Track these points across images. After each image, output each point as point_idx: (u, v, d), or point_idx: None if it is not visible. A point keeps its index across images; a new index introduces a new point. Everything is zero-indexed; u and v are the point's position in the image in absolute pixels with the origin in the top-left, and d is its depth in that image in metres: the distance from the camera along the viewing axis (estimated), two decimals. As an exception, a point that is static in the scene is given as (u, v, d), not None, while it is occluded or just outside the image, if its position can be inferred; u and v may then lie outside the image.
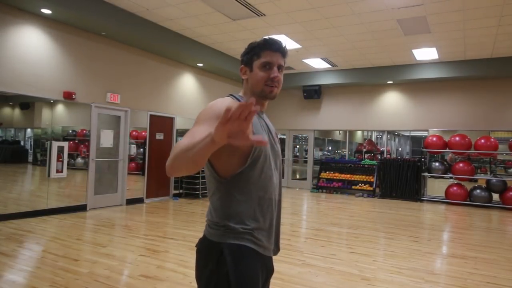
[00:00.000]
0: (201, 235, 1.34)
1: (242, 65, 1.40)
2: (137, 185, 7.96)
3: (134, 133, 7.95)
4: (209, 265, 1.22)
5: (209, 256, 1.24)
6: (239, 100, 1.33)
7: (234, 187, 1.26)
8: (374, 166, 10.60)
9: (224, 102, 1.24)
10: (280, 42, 1.38)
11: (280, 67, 1.37)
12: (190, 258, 4.11)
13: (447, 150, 9.44)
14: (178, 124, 9.02)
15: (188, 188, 8.90)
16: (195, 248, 1.34)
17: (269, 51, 1.35)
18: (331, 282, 3.49)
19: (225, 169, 1.26)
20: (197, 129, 1.10)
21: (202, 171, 7.49)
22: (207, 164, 1.28)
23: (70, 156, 6.66)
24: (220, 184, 1.28)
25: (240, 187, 1.26)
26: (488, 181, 9.05)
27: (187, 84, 9.34)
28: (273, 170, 1.36)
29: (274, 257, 1.43)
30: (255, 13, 6.64)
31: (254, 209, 1.28)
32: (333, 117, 11.53)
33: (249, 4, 6.23)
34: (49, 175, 6.31)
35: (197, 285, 1.28)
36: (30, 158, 6.32)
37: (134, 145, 7.88)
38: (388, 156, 11.68)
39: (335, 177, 10.96)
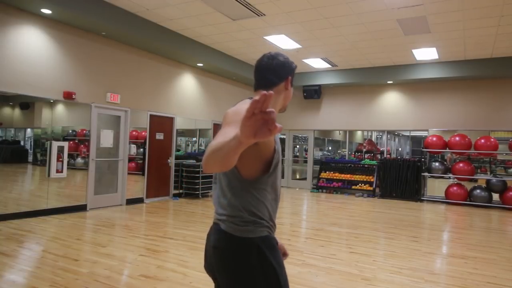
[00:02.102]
0: (201, 234, 1.34)
1: (289, 77, 1.48)
2: (137, 185, 7.96)
3: (134, 133, 7.95)
4: (251, 260, 1.29)
5: (247, 251, 1.31)
6: None
7: (255, 188, 1.35)
8: (374, 166, 10.61)
9: (242, 105, 1.32)
10: None
11: None
12: (190, 258, 4.11)
13: (447, 150, 9.44)
14: (178, 124, 9.02)
15: (188, 188, 8.90)
16: (217, 248, 1.36)
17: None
18: (331, 282, 3.49)
19: (248, 172, 1.34)
20: (226, 130, 1.16)
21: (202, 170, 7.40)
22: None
23: (70, 156, 6.66)
24: (243, 184, 1.35)
25: (261, 189, 1.36)
26: (488, 181, 9.05)
27: (187, 84, 9.34)
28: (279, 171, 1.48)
29: None
30: (255, 13, 6.64)
31: (272, 206, 1.42)
32: (333, 117, 11.53)
33: (249, 4, 6.23)
34: (49, 175, 6.31)
35: (233, 281, 1.30)
36: (30, 158, 6.32)
37: (134, 145, 7.88)
38: (388, 156, 11.67)
39: (335, 177, 10.96)
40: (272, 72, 1.45)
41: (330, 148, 14.19)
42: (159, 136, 8.47)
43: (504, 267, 4.17)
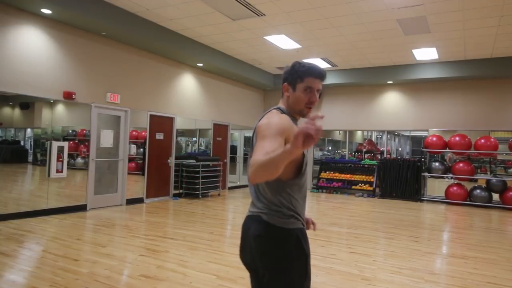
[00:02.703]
0: (201, 234, 1.35)
1: (286, 83, 1.63)
2: (137, 185, 7.96)
3: (134, 133, 7.95)
4: (290, 247, 1.49)
5: (288, 239, 1.51)
6: (284, 113, 1.59)
7: (290, 187, 1.53)
8: (374, 166, 10.60)
9: (282, 118, 1.50)
10: (321, 69, 1.62)
11: (318, 91, 1.62)
12: (190, 258, 4.11)
13: (447, 150, 9.44)
14: (178, 124, 9.02)
15: (188, 188, 8.90)
16: (260, 236, 1.52)
17: (311, 77, 1.58)
18: (331, 282, 3.49)
19: (284, 174, 1.50)
20: (265, 145, 1.33)
21: (203, 170, 7.44)
22: None
23: (70, 156, 6.66)
24: (280, 184, 1.52)
25: (294, 188, 1.55)
26: (488, 181, 9.05)
27: (187, 84, 9.34)
28: None
29: None
30: (255, 13, 6.64)
31: (302, 203, 1.61)
32: (333, 117, 11.53)
33: (249, 4, 6.23)
34: (49, 175, 6.31)
35: (274, 263, 1.48)
36: (30, 158, 6.32)
37: (134, 145, 7.88)
38: (388, 156, 11.68)
39: (335, 177, 10.96)
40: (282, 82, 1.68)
41: (330, 148, 14.20)
42: (159, 136, 8.47)
43: (504, 267, 4.17)
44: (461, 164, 9.16)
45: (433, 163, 9.64)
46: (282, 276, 1.48)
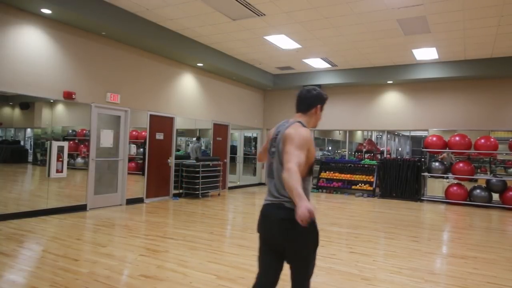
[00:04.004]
0: (201, 234, 1.35)
1: (319, 105, 2.14)
2: (137, 185, 7.96)
3: (134, 133, 7.95)
4: (308, 225, 1.86)
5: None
6: (305, 126, 2.06)
7: (304, 183, 1.97)
8: (374, 166, 10.60)
9: (308, 132, 1.97)
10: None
11: None
12: (190, 258, 4.11)
13: (447, 150, 9.44)
14: (178, 124, 9.02)
15: (188, 188, 8.90)
16: (284, 219, 1.95)
17: (325, 104, 2.30)
18: (331, 282, 3.49)
19: (301, 173, 1.89)
20: (299, 155, 1.86)
21: (203, 170, 7.43)
22: None
23: (70, 156, 6.66)
24: (302, 181, 1.94)
25: (307, 183, 2.03)
26: (488, 181, 9.05)
27: (187, 84, 9.34)
28: None
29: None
30: (255, 13, 6.64)
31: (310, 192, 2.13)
32: (333, 117, 11.53)
33: (249, 4, 6.23)
34: (49, 175, 6.31)
35: (298, 238, 1.92)
36: (30, 158, 6.32)
37: (134, 145, 7.88)
38: (388, 156, 11.68)
39: (335, 177, 10.96)
40: (307, 102, 2.13)
41: (330, 148, 14.20)
42: (159, 136, 8.47)
43: (504, 267, 4.17)
44: (461, 164, 9.16)
45: (433, 163, 9.64)
46: (303, 245, 1.95)
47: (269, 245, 2.04)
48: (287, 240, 1.95)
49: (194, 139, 10.07)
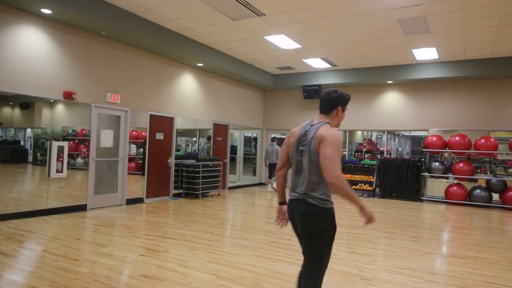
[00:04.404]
0: (201, 234, 1.34)
1: (340, 106, 2.30)
2: (137, 185, 7.96)
3: (134, 133, 7.95)
4: (327, 219, 2.16)
5: (326, 214, 2.18)
6: (332, 127, 2.25)
7: (326, 182, 2.16)
8: (374, 166, 10.60)
9: (339, 133, 2.16)
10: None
11: None
12: (190, 258, 4.11)
13: (447, 150, 9.44)
14: (178, 124, 9.02)
15: (188, 188, 8.90)
16: (306, 213, 2.19)
17: (347, 104, 2.36)
18: (331, 282, 3.49)
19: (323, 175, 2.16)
20: (339, 159, 2.08)
21: (203, 170, 7.44)
22: (320, 167, 2.13)
23: (70, 156, 6.66)
24: (322, 180, 2.16)
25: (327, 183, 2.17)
26: (488, 181, 9.05)
27: (187, 84, 9.34)
28: None
29: (274, 257, 1.94)
30: (255, 13, 6.64)
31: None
32: (333, 117, 11.51)
33: (249, 4, 6.23)
34: (49, 175, 6.31)
35: (319, 230, 2.15)
36: (30, 158, 6.32)
37: (134, 145, 7.88)
38: (388, 156, 11.67)
39: (335, 177, 10.94)
40: (327, 103, 2.29)
41: (330, 148, 14.16)
42: (159, 136, 8.47)
43: (504, 267, 4.17)
44: (461, 164, 9.16)
45: (433, 163, 9.64)
46: (319, 236, 2.16)
47: (298, 235, 2.34)
48: (306, 230, 2.18)
49: (205, 138, 10.12)
